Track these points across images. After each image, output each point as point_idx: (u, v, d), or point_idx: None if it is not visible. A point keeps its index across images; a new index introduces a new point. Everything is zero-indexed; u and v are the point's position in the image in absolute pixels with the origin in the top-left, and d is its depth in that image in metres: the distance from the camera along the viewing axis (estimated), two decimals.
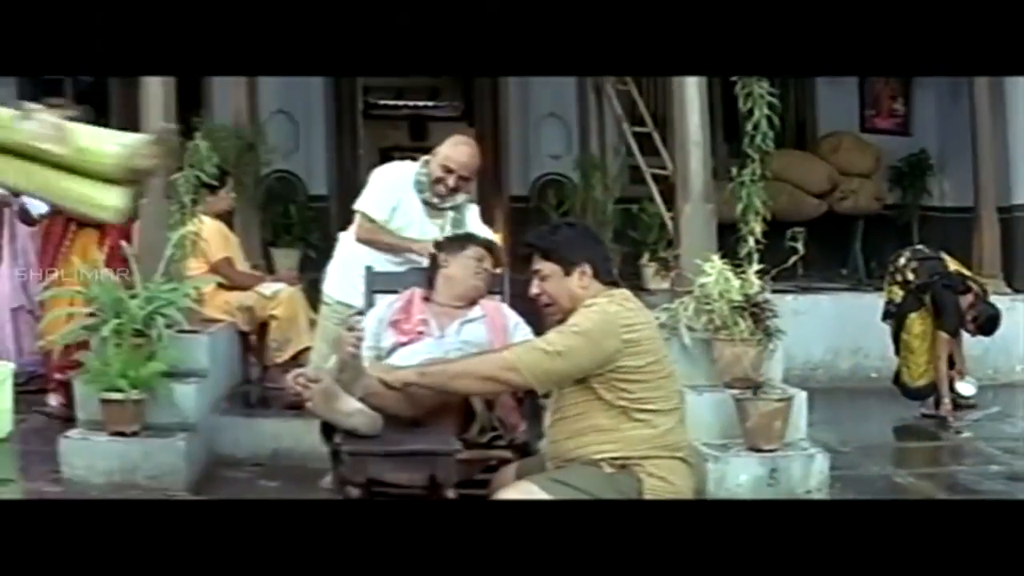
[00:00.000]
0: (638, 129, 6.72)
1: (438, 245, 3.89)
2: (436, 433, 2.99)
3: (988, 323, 6.52)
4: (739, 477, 4.22)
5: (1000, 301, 7.28)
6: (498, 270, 3.95)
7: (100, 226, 5.22)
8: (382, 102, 12.84)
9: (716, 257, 4.55)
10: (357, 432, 2.91)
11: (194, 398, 4.45)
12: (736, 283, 4.44)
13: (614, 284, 3.10)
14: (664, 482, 2.90)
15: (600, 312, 2.94)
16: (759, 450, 4.26)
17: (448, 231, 4.28)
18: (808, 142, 9.37)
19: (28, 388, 5.67)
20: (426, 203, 4.36)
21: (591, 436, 2.91)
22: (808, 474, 4.30)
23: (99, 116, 8.91)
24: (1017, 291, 8.04)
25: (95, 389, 4.24)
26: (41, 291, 5.17)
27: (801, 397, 4.53)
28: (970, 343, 7.34)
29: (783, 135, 9.35)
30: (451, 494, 3.04)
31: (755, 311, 4.38)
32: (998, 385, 7.57)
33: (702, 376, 4.57)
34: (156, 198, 4.79)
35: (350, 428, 2.91)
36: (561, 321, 3.01)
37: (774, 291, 7.24)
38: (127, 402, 4.19)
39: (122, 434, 4.21)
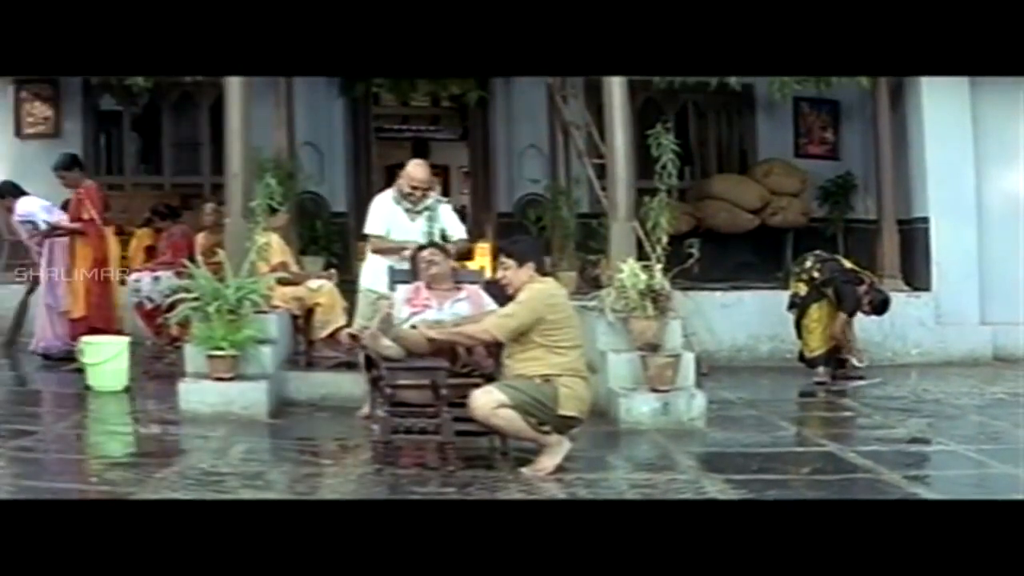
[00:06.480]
0: (596, 161, 8.78)
1: (411, 259, 6.20)
2: (435, 360, 5.31)
3: (880, 305, 8.96)
4: (642, 408, 6.49)
5: (898, 296, 9.62)
6: (452, 263, 6.18)
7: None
8: (387, 126, 15.09)
9: (631, 259, 6.85)
10: (391, 358, 5.24)
11: (270, 356, 6.78)
12: (644, 277, 6.72)
13: (546, 275, 5.43)
14: (570, 390, 5.17)
15: (534, 291, 5.25)
16: (657, 390, 6.53)
17: (425, 226, 6.73)
18: (749, 167, 11.51)
19: (57, 357, 8.29)
20: (406, 210, 6.83)
21: (529, 362, 5.20)
22: (690, 408, 6.53)
23: (153, 140, 11.27)
24: (914, 288, 10.28)
25: (204, 348, 6.55)
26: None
27: (688, 357, 6.80)
28: (872, 331, 9.66)
29: (728, 162, 11.71)
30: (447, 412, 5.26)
31: (655, 297, 6.66)
32: (896, 365, 9.82)
33: (621, 343, 6.85)
34: (237, 218, 7.13)
35: (387, 355, 5.25)
36: (512, 295, 5.32)
37: (705, 289, 9.58)
38: (227, 357, 6.51)
39: (222, 379, 6.52)
